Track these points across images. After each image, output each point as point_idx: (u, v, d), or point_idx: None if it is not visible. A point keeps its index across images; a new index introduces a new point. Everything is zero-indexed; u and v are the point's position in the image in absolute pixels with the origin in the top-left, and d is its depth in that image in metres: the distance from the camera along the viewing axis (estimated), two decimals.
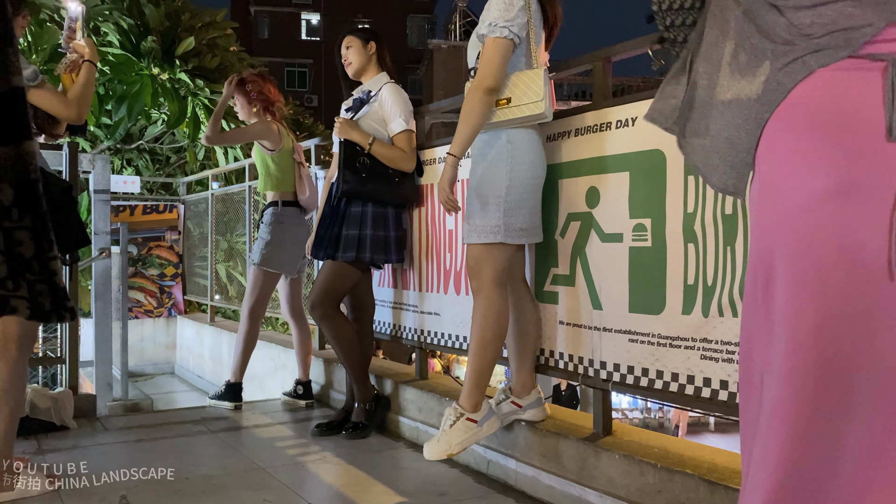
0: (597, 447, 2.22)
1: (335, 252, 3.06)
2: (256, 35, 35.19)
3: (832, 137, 1.10)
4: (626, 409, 17.35)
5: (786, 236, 1.14)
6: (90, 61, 2.45)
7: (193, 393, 6.58)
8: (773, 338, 1.16)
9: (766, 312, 1.18)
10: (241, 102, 3.86)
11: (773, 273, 1.16)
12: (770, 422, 1.13)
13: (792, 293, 1.13)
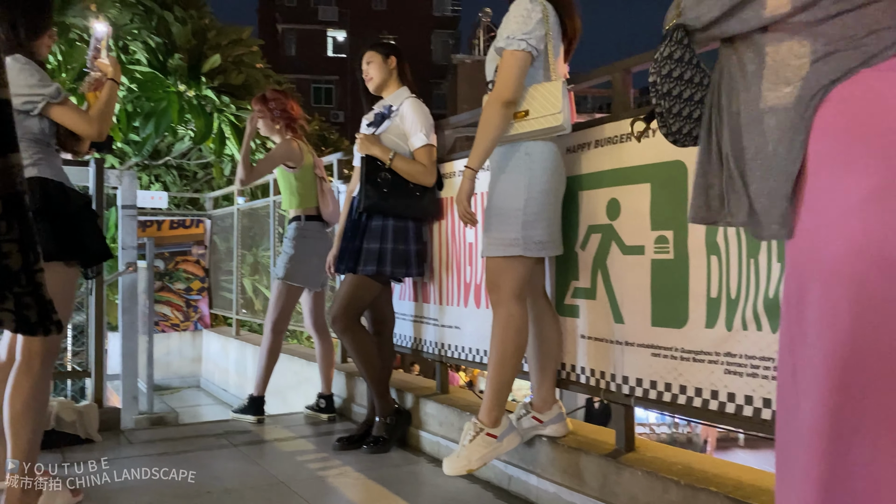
0: (619, 463, 2.18)
1: (356, 265, 3.07)
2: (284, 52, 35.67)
3: (874, 140, 1.06)
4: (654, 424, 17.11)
5: (821, 245, 1.10)
6: (113, 80, 2.48)
7: (218, 406, 6.62)
8: (806, 350, 1.12)
9: (798, 325, 1.14)
10: (264, 122, 3.90)
11: (808, 284, 1.13)
12: (808, 441, 1.09)
13: (826, 304, 1.09)
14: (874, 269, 1.03)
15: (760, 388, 1.86)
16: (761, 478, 1.95)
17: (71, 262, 2.37)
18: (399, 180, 3.06)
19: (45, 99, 2.28)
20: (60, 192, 2.35)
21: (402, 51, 3.30)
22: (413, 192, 3.09)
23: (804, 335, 1.12)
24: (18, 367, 2.31)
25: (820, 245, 1.10)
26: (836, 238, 1.08)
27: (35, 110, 2.28)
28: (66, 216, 2.34)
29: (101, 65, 2.51)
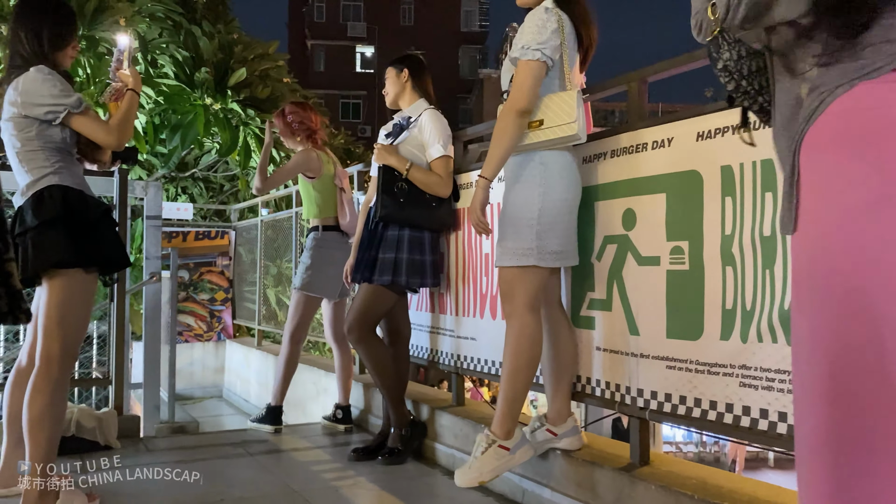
0: (633, 477, 2.14)
1: (371, 275, 3.07)
2: (313, 68, 36.11)
3: (872, 153, 1.06)
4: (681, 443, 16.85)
5: (819, 255, 1.09)
6: (133, 90, 2.53)
7: (240, 417, 6.65)
8: (802, 361, 1.11)
9: (797, 336, 1.13)
10: (284, 133, 3.96)
11: (807, 295, 1.11)
12: (811, 458, 1.07)
13: (823, 316, 1.07)
14: (870, 282, 1.02)
15: (776, 402, 1.82)
16: (776, 494, 1.91)
17: (90, 269, 2.40)
18: (415, 191, 3.06)
19: (67, 109, 2.32)
20: (80, 200, 2.40)
21: (420, 61, 3.31)
22: (429, 203, 3.09)
23: (801, 346, 1.10)
24: (38, 372, 2.35)
25: (818, 255, 1.09)
26: (831, 246, 1.06)
27: (57, 120, 2.33)
28: (85, 224, 2.38)
29: (122, 75, 2.56)
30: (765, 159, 1.86)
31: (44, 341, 2.35)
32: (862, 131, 1.07)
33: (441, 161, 3.09)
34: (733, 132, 1.98)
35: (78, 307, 2.40)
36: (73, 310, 2.38)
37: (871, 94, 1.07)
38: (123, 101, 2.49)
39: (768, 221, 1.85)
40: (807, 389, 1.08)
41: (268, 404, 3.96)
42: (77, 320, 2.40)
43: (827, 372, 1.05)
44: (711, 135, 2.03)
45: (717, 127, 2.02)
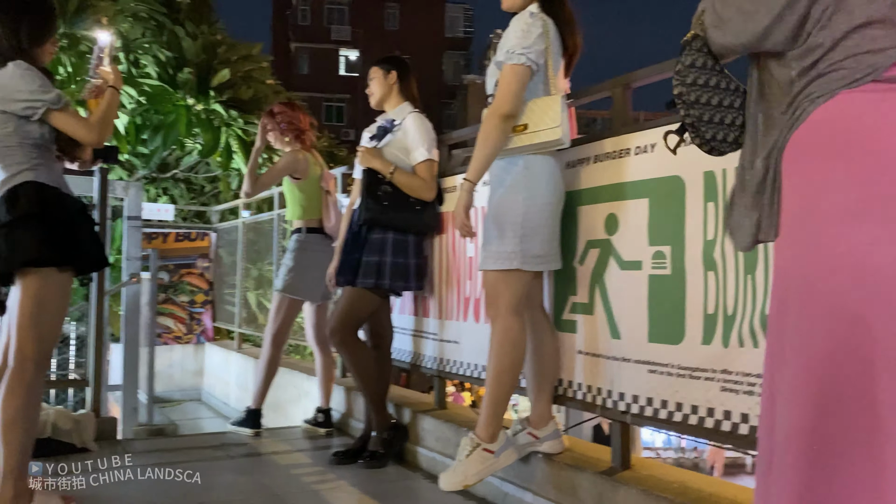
0: (614, 481, 2.15)
1: (355, 278, 3.06)
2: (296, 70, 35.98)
3: (852, 159, 1.07)
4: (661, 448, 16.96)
5: (800, 261, 1.11)
6: (114, 87, 2.50)
7: (219, 419, 6.60)
8: (783, 365, 1.12)
9: (779, 342, 1.14)
10: (273, 134, 3.93)
11: (788, 300, 1.13)
12: (784, 454, 1.08)
13: (803, 320, 1.08)
14: (851, 286, 1.03)
15: (756, 407, 1.83)
16: None
17: (64, 269, 2.36)
18: (400, 194, 3.06)
19: (46, 105, 2.29)
20: (56, 197, 2.36)
21: (407, 65, 3.31)
22: (413, 207, 3.09)
23: (783, 352, 1.11)
24: (12, 373, 2.31)
25: (799, 261, 1.10)
26: (814, 255, 1.08)
27: (35, 115, 2.30)
28: (60, 222, 2.34)
29: (102, 72, 2.53)
30: None
31: (18, 342, 2.31)
32: (843, 138, 1.09)
33: (425, 165, 3.09)
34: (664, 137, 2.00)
35: (52, 307, 2.36)
36: (48, 309, 2.34)
37: (852, 103, 1.09)
38: (104, 98, 2.46)
39: None
40: (786, 391, 1.09)
41: (248, 407, 3.93)
42: (52, 320, 2.36)
43: (810, 375, 1.06)
44: None
45: None
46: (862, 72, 1.09)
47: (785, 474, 1.07)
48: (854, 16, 1.09)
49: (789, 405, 1.07)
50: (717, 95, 1.31)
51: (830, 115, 1.11)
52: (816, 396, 1.04)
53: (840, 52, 1.11)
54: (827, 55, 1.11)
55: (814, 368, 1.05)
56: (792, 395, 1.07)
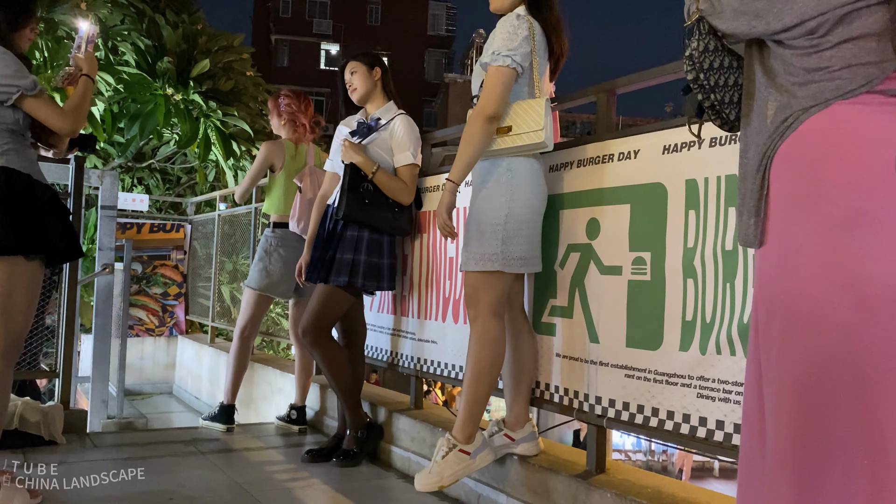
0: (589, 485, 2.16)
1: (328, 275, 3.03)
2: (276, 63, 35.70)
3: (844, 171, 1.08)
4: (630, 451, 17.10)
5: (787, 269, 1.11)
6: (88, 75, 2.45)
7: (190, 413, 6.52)
8: (771, 374, 1.12)
9: (765, 349, 1.15)
10: (272, 115, 3.97)
11: (773, 306, 1.13)
12: (775, 468, 1.09)
13: (793, 332, 1.09)
14: (842, 299, 1.04)
15: (732, 413, 1.85)
16: (731, 503, 1.94)
17: (31, 257, 2.31)
18: (380, 194, 3.04)
19: (20, 90, 2.24)
20: (26, 184, 2.30)
21: (384, 62, 3.30)
22: (392, 208, 3.07)
23: (770, 364, 1.12)
24: None
25: (786, 269, 1.11)
26: (802, 263, 1.09)
27: (9, 101, 2.25)
28: (29, 209, 2.29)
29: (77, 59, 2.48)
30: (729, 174, 1.90)
31: None
32: (836, 150, 1.09)
33: (408, 168, 3.08)
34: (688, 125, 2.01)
35: (21, 296, 2.31)
36: (16, 299, 2.29)
37: (846, 115, 1.10)
38: (78, 86, 2.41)
39: (731, 236, 1.88)
40: (776, 404, 1.09)
41: (220, 402, 3.89)
42: (22, 309, 2.31)
43: (802, 388, 1.06)
44: (678, 148, 2.06)
45: (684, 141, 2.05)
46: (857, 83, 1.10)
47: (777, 484, 1.08)
48: (853, 27, 1.10)
49: (780, 418, 1.07)
50: (732, 75, 1.32)
51: (823, 125, 1.12)
52: (809, 410, 1.05)
53: (837, 62, 1.11)
54: (824, 63, 1.12)
55: (805, 381, 1.06)
56: (783, 409, 1.07)
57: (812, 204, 1.10)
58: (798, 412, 1.06)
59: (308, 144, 3.98)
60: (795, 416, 1.06)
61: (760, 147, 1.18)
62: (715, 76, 1.31)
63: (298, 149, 3.92)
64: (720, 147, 1.94)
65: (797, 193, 1.13)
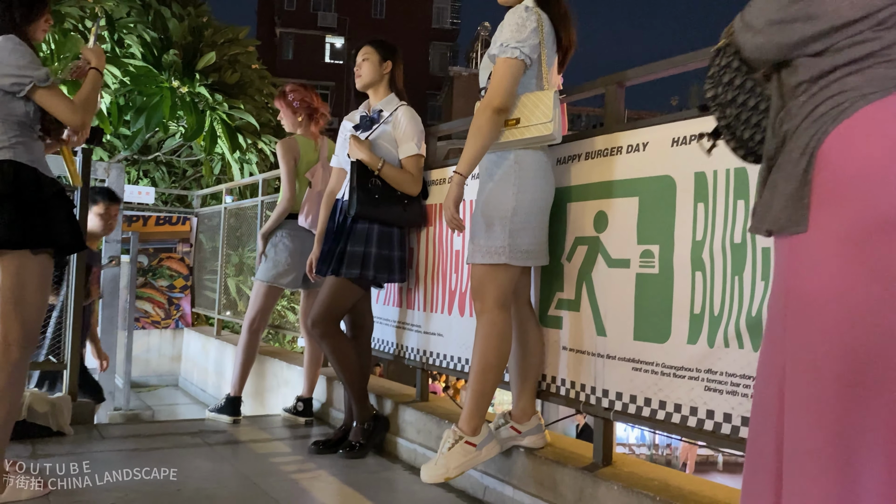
0: (595, 477, 2.16)
1: (339, 268, 3.04)
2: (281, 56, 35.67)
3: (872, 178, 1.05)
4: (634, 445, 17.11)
5: (831, 263, 1.08)
6: (96, 69, 2.45)
7: (196, 406, 6.55)
8: (802, 370, 1.10)
9: (794, 343, 1.12)
10: (285, 114, 3.90)
11: (810, 302, 1.10)
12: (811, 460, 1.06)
13: (834, 326, 1.06)
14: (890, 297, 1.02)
15: (739, 406, 1.85)
16: (735, 496, 1.93)
17: (38, 251, 2.32)
18: (388, 188, 3.03)
19: (33, 81, 2.25)
20: (32, 178, 2.30)
21: (399, 55, 3.27)
22: (401, 200, 3.07)
23: (800, 354, 1.09)
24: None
25: (828, 261, 1.08)
26: (848, 257, 1.05)
27: (22, 92, 2.25)
28: (35, 203, 2.29)
29: (85, 52, 2.48)
30: (738, 167, 1.89)
31: (2, 325, 2.28)
32: (867, 157, 1.06)
33: (413, 159, 3.08)
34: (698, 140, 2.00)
35: (33, 288, 2.32)
36: (28, 291, 2.30)
37: (874, 119, 1.07)
38: (87, 79, 2.41)
39: (739, 228, 1.88)
40: (806, 396, 1.07)
41: (227, 394, 3.90)
42: (34, 301, 2.33)
43: (839, 379, 1.04)
44: (686, 141, 2.06)
45: (693, 133, 2.04)
46: (883, 86, 1.07)
47: (816, 484, 1.06)
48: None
49: (817, 415, 1.05)
50: (753, 98, 1.30)
51: (885, 113, 1.07)
52: (851, 406, 1.03)
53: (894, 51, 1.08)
54: (880, 52, 1.09)
55: (847, 377, 1.04)
56: (822, 404, 1.05)
57: (865, 195, 1.06)
58: (841, 408, 1.04)
59: (323, 139, 3.97)
60: (838, 412, 1.04)
61: (807, 130, 1.14)
62: (733, 93, 1.30)
63: (317, 145, 3.91)
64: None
65: (854, 178, 1.08)
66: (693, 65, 2.13)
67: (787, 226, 1.13)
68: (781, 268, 1.18)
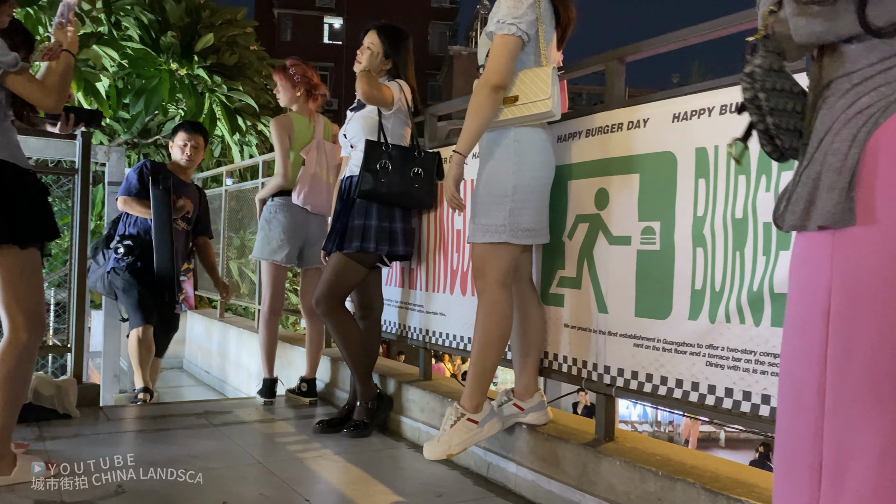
0: (598, 453, 2.18)
1: (342, 243, 3.04)
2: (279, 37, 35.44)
3: None
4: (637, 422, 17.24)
5: (887, 262, 1.05)
6: (68, 51, 2.42)
7: (200, 388, 6.59)
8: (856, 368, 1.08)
9: (843, 341, 1.09)
10: (284, 87, 3.87)
11: (860, 297, 1.07)
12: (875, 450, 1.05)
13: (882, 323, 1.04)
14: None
15: (741, 381, 1.86)
16: (738, 470, 1.96)
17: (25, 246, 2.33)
18: (397, 169, 3.01)
19: (3, 67, 2.22)
20: (15, 175, 2.28)
21: (407, 45, 3.22)
22: (412, 184, 3.04)
23: (852, 351, 1.07)
24: (6, 339, 2.31)
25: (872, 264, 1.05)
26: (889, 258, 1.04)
27: None
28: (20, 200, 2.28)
29: (56, 34, 2.45)
30: None
31: (7, 315, 2.32)
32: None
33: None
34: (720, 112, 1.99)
35: (27, 280, 2.34)
36: (23, 284, 2.33)
37: None
38: (59, 61, 2.38)
39: (741, 204, 1.88)
40: (860, 393, 1.06)
41: (263, 377, 3.95)
42: (32, 290, 2.35)
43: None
44: (687, 116, 2.05)
45: (693, 109, 2.03)
46: None
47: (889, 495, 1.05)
48: None
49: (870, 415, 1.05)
50: (792, 100, 1.23)
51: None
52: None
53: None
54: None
55: None
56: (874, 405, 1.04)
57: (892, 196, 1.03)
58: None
59: (319, 117, 3.96)
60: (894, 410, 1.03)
61: (852, 122, 1.09)
62: (776, 98, 1.21)
63: (311, 122, 3.89)
64: (730, 115, 1.92)
65: (882, 184, 1.05)
66: (693, 39, 2.12)
67: (839, 220, 1.08)
68: (819, 261, 1.13)
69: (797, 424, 1.15)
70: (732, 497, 1.76)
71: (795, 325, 1.18)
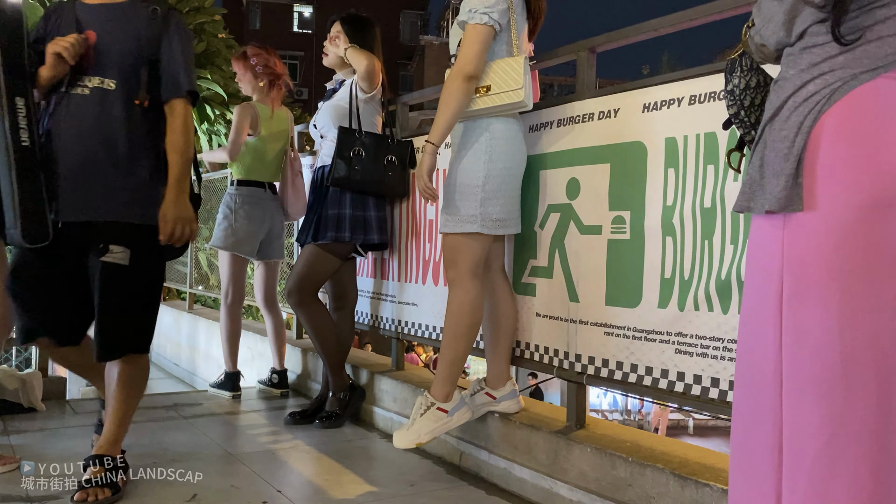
0: (569, 440, 2.20)
1: (317, 234, 3.02)
2: (248, 25, 34.95)
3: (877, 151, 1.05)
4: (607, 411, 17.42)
5: (830, 248, 1.07)
6: None
7: (170, 381, 6.51)
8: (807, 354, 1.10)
9: (794, 328, 1.11)
10: (246, 77, 3.71)
11: (807, 284, 1.09)
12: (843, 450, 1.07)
13: (844, 305, 1.06)
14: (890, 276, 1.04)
15: (709, 368, 1.89)
16: (706, 456, 1.99)
17: None
18: (370, 157, 3.00)
19: None
20: None
21: (374, 34, 3.21)
22: (384, 171, 3.03)
23: (800, 342, 1.10)
24: None
25: (827, 249, 1.07)
26: (851, 241, 1.05)
27: None
28: None
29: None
30: (708, 132, 1.91)
31: None
32: (886, 121, 1.07)
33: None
34: (689, 102, 2.01)
35: None
36: None
37: (878, 91, 1.05)
38: None
39: (709, 193, 1.90)
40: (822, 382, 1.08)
41: (224, 370, 3.86)
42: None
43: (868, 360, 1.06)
44: (657, 107, 2.07)
45: (663, 99, 2.05)
46: (887, 59, 1.06)
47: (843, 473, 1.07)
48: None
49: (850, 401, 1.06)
50: (756, 113, 1.31)
51: (858, 102, 1.07)
52: (867, 382, 1.04)
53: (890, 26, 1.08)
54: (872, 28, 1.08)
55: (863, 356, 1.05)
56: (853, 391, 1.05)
57: (858, 177, 1.06)
58: (877, 391, 1.05)
59: (284, 109, 3.85)
60: (877, 395, 1.05)
61: (799, 109, 1.13)
62: (756, 113, 1.29)
63: (275, 113, 3.75)
64: (699, 105, 1.95)
65: (853, 157, 1.08)
66: (664, 30, 2.13)
67: (785, 205, 1.11)
68: (771, 247, 1.15)
69: (756, 408, 1.18)
70: (701, 482, 1.79)
71: (752, 310, 1.21)
